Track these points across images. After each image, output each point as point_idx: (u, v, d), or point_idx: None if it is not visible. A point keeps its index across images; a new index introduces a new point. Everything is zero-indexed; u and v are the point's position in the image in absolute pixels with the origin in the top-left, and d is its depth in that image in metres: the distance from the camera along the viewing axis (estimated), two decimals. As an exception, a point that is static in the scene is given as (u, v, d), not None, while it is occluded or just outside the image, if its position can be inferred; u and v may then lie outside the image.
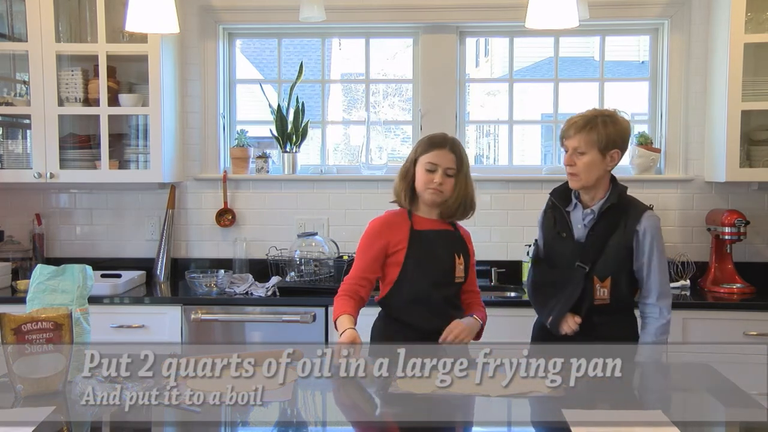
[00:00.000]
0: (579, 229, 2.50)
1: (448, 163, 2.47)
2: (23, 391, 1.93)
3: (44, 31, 3.61)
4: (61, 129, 3.72)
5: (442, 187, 2.46)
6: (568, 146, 2.48)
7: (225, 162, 4.07)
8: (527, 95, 6.02)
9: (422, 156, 2.48)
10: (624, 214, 2.46)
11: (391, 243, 2.48)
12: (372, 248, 2.49)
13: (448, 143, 2.49)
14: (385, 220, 2.55)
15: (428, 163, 2.46)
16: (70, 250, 4.04)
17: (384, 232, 2.50)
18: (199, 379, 2.07)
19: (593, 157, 2.44)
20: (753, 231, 3.77)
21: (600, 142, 2.43)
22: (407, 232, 2.48)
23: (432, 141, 2.51)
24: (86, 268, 2.21)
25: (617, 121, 2.47)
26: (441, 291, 2.49)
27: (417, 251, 2.47)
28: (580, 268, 2.44)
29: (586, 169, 2.45)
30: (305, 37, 4.30)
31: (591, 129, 2.43)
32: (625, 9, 3.85)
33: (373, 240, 2.51)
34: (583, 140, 2.43)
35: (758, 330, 3.29)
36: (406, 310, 2.48)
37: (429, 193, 2.47)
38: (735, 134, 3.52)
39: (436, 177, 2.45)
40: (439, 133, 2.57)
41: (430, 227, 2.52)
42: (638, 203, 2.54)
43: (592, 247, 2.45)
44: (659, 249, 2.46)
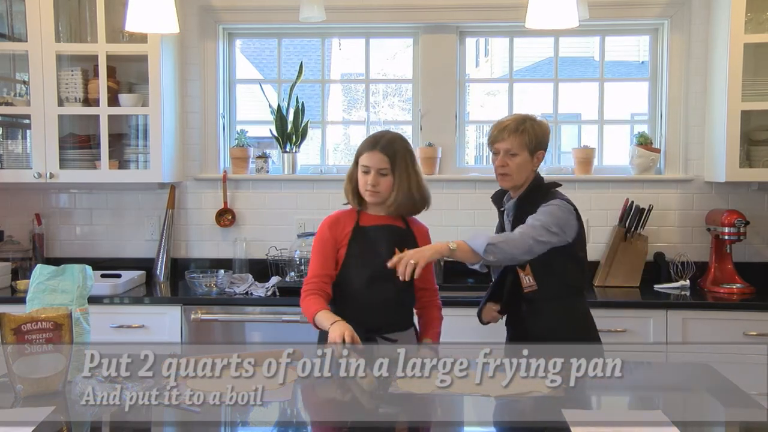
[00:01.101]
0: (508, 226, 2.62)
1: (379, 164, 2.45)
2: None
3: (44, 31, 3.61)
4: (61, 129, 3.72)
5: (376, 188, 2.46)
6: (499, 149, 2.58)
7: (225, 162, 4.07)
8: (527, 95, 6.01)
9: (359, 158, 2.50)
10: (538, 204, 2.53)
11: (337, 239, 2.49)
12: (324, 247, 2.50)
13: (379, 144, 2.46)
14: (333, 218, 2.55)
15: (362, 166, 2.48)
16: (70, 250, 4.04)
17: (332, 228, 2.50)
18: (199, 379, 2.07)
19: (524, 158, 2.56)
20: (753, 231, 3.77)
21: (530, 143, 2.56)
22: (351, 229, 2.50)
23: (365, 143, 2.51)
24: (86, 268, 2.21)
25: (541, 124, 2.62)
26: (378, 289, 2.44)
27: (357, 248, 2.48)
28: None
29: (518, 169, 2.56)
30: (305, 37, 4.30)
31: (522, 132, 2.55)
32: (625, 9, 3.85)
33: (322, 238, 2.51)
34: (516, 142, 2.54)
35: (758, 330, 3.29)
36: (341, 308, 2.44)
37: (367, 195, 2.48)
38: (735, 134, 3.52)
39: (370, 178, 2.45)
40: (376, 133, 2.56)
41: (374, 223, 2.52)
42: (555, 193, 2.60)
43: None
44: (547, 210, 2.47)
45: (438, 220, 3.94)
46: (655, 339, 3.32)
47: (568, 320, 2.57)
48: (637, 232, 3.75)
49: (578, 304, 2.63)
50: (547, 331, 2.51)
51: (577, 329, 2.58)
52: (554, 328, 2.51)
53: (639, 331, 3.32)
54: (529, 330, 2.56)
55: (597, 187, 3.92)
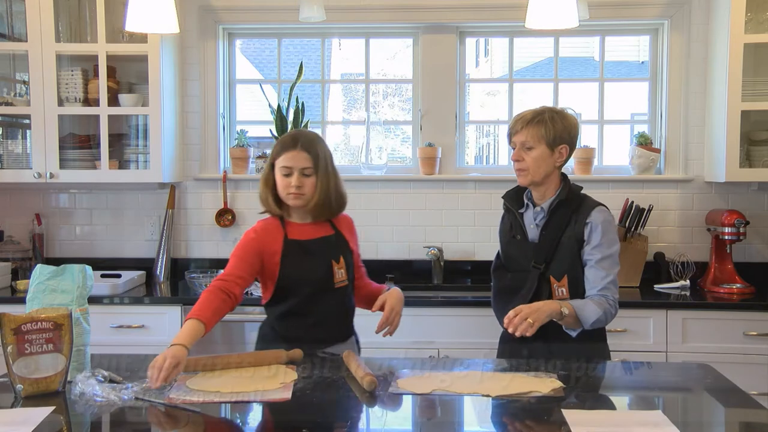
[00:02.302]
0: (532, 229, 2.45)
1: (302, 163, 2.31)
2: (23, 391, 1.92)
3: (44, 31, 3.61)
4: (61, 129, 3.72)
5: (301, 189, 2.32)
6: (516, 142, 2.43)
7: (225, 162, 4.07)
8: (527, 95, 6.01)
9: (276, 160, 2.34)
10: (575, 211, 2.40)
11: (263, 252, 2.35)
12: (245, 252, 2.34)
13: (299, 142, 2.33)
14: (260, 229, 2.39)
15: (283, 168, 2.32)
16: (70, 250, 4.04)
17: (259, 240, 2.35)
18: (199, 379, 2.07)
19: (541, 152, 2.39)
20: (753, 231, 3.77)
21: (548, 136, 2.38)
22: (281, 243, 2.35)
23: (283, 143, 2.35)
24: (86, 268, 2.20)
25: (565, 116, 2.43)
26: (321, 300, 2.38)
27: (291, 264, 2.35)
28: (535, 269, 2.39)
29: (535, 164, 2.39)
30: (305, 37, 4.30)
31: (539, 123, 2.38)
32: (625, 9, 3.85)
33: (246, 245, 2.36)
34: (531, 134, 2.38)
35: (758, 330, 3.29)
36: (284, 325, 2.40)
37: (291, 199, 2.34)
38: (735, 134, 3.52)
39: (293, 180, 2.31)
40: (291, 132, 2.44)
41: (304, 236, 2.38)
42: (590, 200, 2.47)
43: (545, 247, 2.39)
44: (607, 243, 2.36)
45: (438, 221, 3.96)
46: (655, 339, 3.32)
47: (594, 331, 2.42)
48: (637, 232, 3.75)
49: None
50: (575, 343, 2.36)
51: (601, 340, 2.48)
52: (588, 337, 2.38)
53: (639, 331, 3.32)
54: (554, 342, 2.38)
55: (597, 187, 3.92)
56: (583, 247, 2.38)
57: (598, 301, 2.32)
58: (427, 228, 3.95)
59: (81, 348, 2.12)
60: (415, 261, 3.94)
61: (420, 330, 3.36)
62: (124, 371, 2.12)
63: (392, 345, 3.27)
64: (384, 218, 3.98)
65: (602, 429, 1.69)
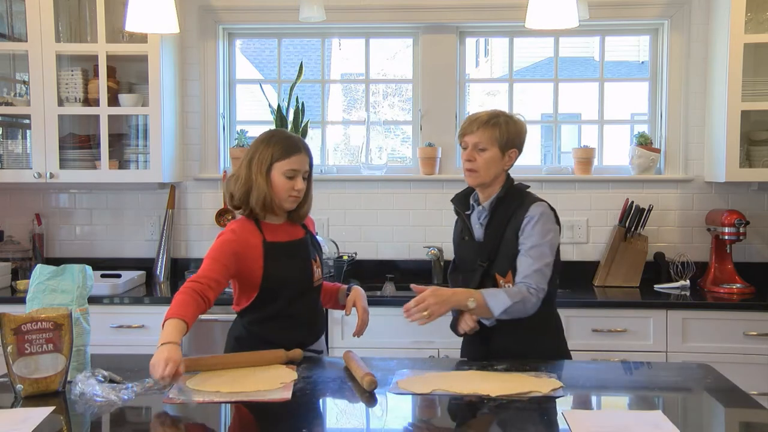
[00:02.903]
0: (477, 229, 2.47)
1: (305, 166, 2.36)
2: (23, 391, 1.92)
3: (44, 31, 3.61)
4: (61, 129, 3.73)
5: (301, 192, 2.35)
6: (468, 142, 2.43)
7: (225, 162, 4.07)
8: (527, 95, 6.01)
9: (278, 162, 2.31)
10: (517, 207, 2.40)
11: (240, 255, 2.30)
12: (222, 254, 2.29)
13: (303, 146, 2.37)
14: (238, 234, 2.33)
15: (289, 170, 2.31)
16: (70, 250, 4.04)
17: (238, 243, 2.31)
18: (200, 379, 2.07)
19: (493, 154, 2.40)
20: (753, 231, 3.77)
21: (501, 139, 2.40)
22: (260, 247, 2.33)
23: (287, 146, 2.33)
24: (86, 268, 2.21)
25: (516, 122, 2.47)
26: (303, 300, 2.39)
27: (274, 268, 2.32)
28: (480, 267, 2.42)
29: (486, 165, 2.41)
30: (305, 37, 4.30)
31: (494, 126, 2.40)
32: (625, 9, 3.85)
33: (222, 248, 2.30)
34: (486, 136, 2.40)
35: (758, 330, 3.29)
36: (265, 328, 2.37)
37: (290, 201, 2.34)
38: (735, 134, 3.52)
39: (297, 184, 2.32)
40: (290, 136, 2.42)
41: (283, 238, 2.38)
42: (531, 196, 2.46)
43: (489, 245, 2.42)
44: (539, 233, 2.35)
45: (438, 220, 3.96)
46: (655, 339, 3.32)
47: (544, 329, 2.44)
48: (637, 232, 3.75)
49: (552, 311, 2.50)
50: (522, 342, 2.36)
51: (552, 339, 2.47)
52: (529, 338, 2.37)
53: (639, 331, 3.32)
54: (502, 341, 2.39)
55: (597, 187, 3.92)
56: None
57: (516, 291, 2.31)
58: (427, 228, 3.94)
59: (81, 348, 2.12)
60: (415, 261, 3.94)
61: (420, 330, 3.35)
62: (124, 371, 2.12)
63: (392, 345, 3.29)
64: (384, 218, 3.98)
65: (602, 429, 1.69)
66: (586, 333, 3.34)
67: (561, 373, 2.15)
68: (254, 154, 2.34)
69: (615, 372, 2.34)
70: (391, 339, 3.32)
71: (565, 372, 2.18)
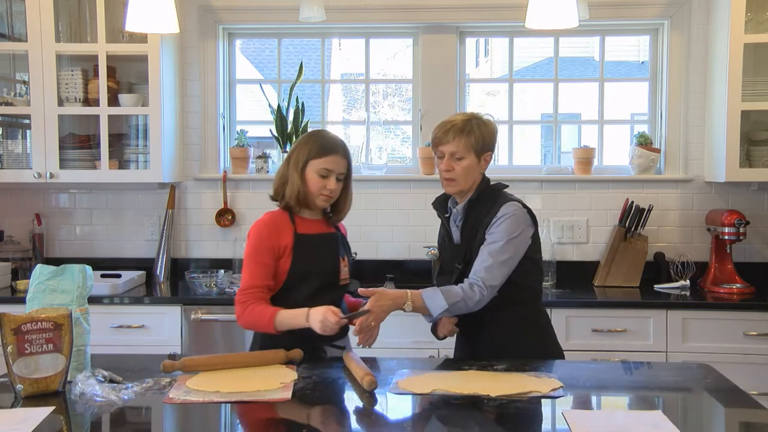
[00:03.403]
0: (455, 231, 2.47)
1: (341, 168, 2.39)
2: (23, 391, 1.92)
3: (44, 31, 3.61)
4: (61, 129, 3.72)
5: (333, 192, 2.39)
6: (444, 151, 2.40)
7: (225, 162, 4.07)
8: (527, 95, 6.01)
9: (314, 160, 2.36)
10: (489, 208, 2.39)
11: (276, 248, 2.36)
12: (261, 256, 2.35)
13: (341, 148, 2.40)
14: (270, 225, 2.39)
15: (323, 169, 2.36)
16: (70, 250, 4.04)
17: (271, 237, 2.36)
18: (200, 379, 2.07)
19: (471, 162, 2.39)
20: (753, 231, 3.77)
21: (476, 145, 2.39)
22: (291, 237, 2.37)
23: (324, 145, 2.39)
24: (86, 268, 2.20)
25: (488, 123, 2.45)
26: (327, 295, 2.40)
27: (302, 257, 2.37)
28: (457, 269, 2.42)
29: (464, 173, 2.39)
30: (305, 37, 4.30)
31: (469, 133, 2.38)
32: (624, 9, 3.85)
33: (259, 247, 2.35)
34: (462, 145, 2.37)
35: (758, 330, 3.29)
36: None
37: (322, 200, 2.39)
38: (735, 134, 3.52)
39: (330, 183, 2.37)
40: (330, 136, 2.46)
41: (313, 230, 2.42)
42: (505, 196, 2.44)
43: (464, 246, 2.42)
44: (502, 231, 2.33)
45: (437, 220, 3.94)
46: (655, 339, 3.32)
47: (530, 327, 2.44)
48: (637, 232, 3.75)
49: (538, 309, 2.50)
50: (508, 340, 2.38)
51: (538, 337, 2.46)
52: (515, 337, 2.38)
53: (639, 331, 3.33)
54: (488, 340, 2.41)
55: (597, 187, 3.92)
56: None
57: (456, 291, 2.32)
58: (427, 228, 3.94)
59: (81, 348, 2.12)
60: (415, 261, 3.94)
61: (420, 330, 3.35)
62: (124, 371, 2.12)
63: (392, 345, 3.29)
64: (384, 218, 3.98)
65: (602, 429, 1.69)
66: (586, 333, 3.34)
67: (561, 374, 2.15)
68: (294, 151, 2.42)
69: (615, 372, 2.34)
70: (391, 339, 3.30)
71: (565, 372, 2.18)
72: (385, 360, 2.35)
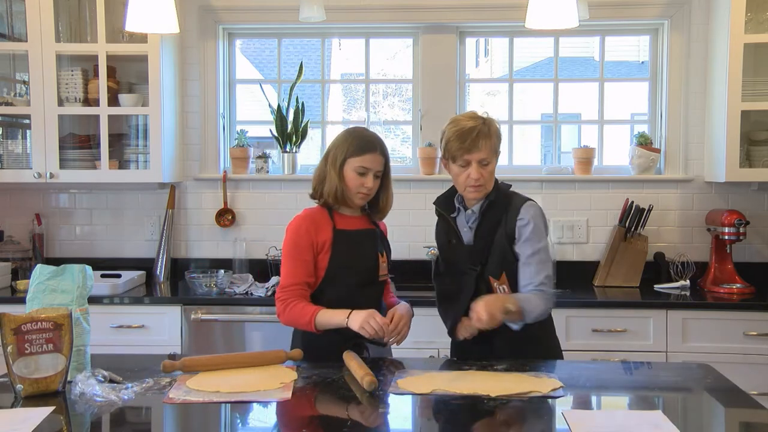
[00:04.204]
0: (466, 232, 2.42)
1: (378, 166, 2.39)
2: (23, 391, 1.92)
3: (44, 31, 3.61)
4: (61, 129, 3.73)
5: (371, 190, 2.40)
6: (471, 159, 2.31)
7: (225, 162, 4.07)
8: (527, 95, 6.00)
9: (352, 158, 2.37)
10: (505, 209, 2.37)
11: (316, 244, 2.37)
12: (300, 252, 2.35)
13: (379, 145, 2.41)
14: (309, 220, 2.40)
15: (361, 167, 2.36)
16: (70, 250, 4.04)
17: (309, 232, 2.37)
18: (200, 379, 2.07)
19: (494, 164, 2.37)
20: (753, 231, 3.77)
21: (497, 146, 2.37)
22: (330, 232, 2.38)
23: (361, 143, 2.39)
24: (86, 268, 2.20)
25: (495, 121, 2.41)
26: (366, 292, 2.41)
27: (341, 252, 2.37)
28: (472, 271, 2.37)
29: (490, 177, 2.37)
30: (305, 37, 4.30)
31: (490, 135, 2.33)
32: (624, 9, 3.85)
33: (299, 243, 2.36)
34: (489, 149, 2.33)
35: (758, 330, 3.29)
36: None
37: (359, 198, 2.40)
38: (735, 134, 3.52)
39: (368, 181, 2.37)
40: (367, 134, 2.46)
41: (352, 226, 2.43)
42: (519, 196, 2.42)
43: (480, 248, 2.37)
44: (537, 237, 2.33)
45: (437, 220, 3.94)
46: (655, 339, 3.32)
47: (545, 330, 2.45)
48: (637, 232, 3.75)
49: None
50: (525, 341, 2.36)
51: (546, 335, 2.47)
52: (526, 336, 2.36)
53: (639, 331, 3.33)
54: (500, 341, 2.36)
55: (597, 187, 3.92)
56: (515, 243, 2.36)
57: (540, 296, 2.31)
58: (427, 228, 3.94)
59: (81, 348, 2.12)
60: (415, 261, 3.94)
61: (420, 330, 3.35)
62: (124, 371, 2.12)
63: (392, 345, 3.28)
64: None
65: (602, 429, 1.69)
66: (586, 333, 3.34)
67: (561, 374, 2.15)
68: (332, 149, 2.43)
69: (615, 372, 2.34)
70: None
71: (565, 372, 2.18)
72: (386, 360, 2.34)
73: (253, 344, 3.41)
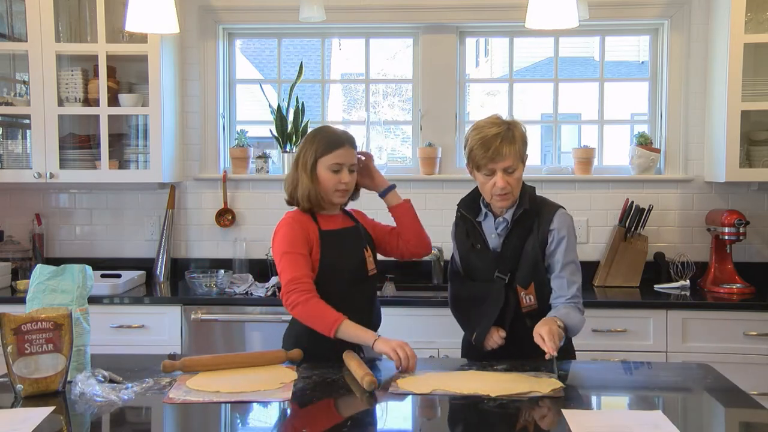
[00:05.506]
0: (493, 239, 2.35)
1: (351, 159, 2.39)
2: (23, 391, 1.93)
3: (44, 31, 3.61)
4: (61, 129, 3.72)
5: (349, 185, 2.40)
6: (496, 168, 2.24)
7: (225, 162, 4.07)
8: (527, 95, 6.01)
9: (323, 158, 2.36)
10: (536, 217, 2.32)
11: (308, 240, 2.36)
12: (297, 246, 2.33)
13: (346, 140, 2.39)
14: (297, 220, 2.39)
15: (333, 164, 2.35)
16: (70, 250, 4.04)
17: (302, 228, 2.36)
18: (200, 379, 2.07)
19: (521, 171, 2.29)
20: (753, 231, 3.77)
21: (523, 152, 2.30)
22: (317, 233, 2.37)
23: (329, 141, 2.37)
24: (86, 268, 2.20)
25: (520, 124, 2.33)
26: (357, 291, 2.41)
27: (330, 253, 2.37)
28: (500, 279, 2.31)
29: (517, 185, 2.30)
30: (305, 37, 4.30)
31: (514, 140, 2.26)
32: (624, 9, 3.85)
33: (294, 237, 2.34)
34: (515, 156, 2.25)
35: (758, 330, 3.29)
36: None
37: (338, 196, 2.39)
38: (735, 134, 3.52)
39: (344, 177, 2.37)
40: (333, 130, 2.44)
41: (336, 226, 2.43)
42: (549, 203, 2.39)
43: (509, 256, 2.32)
44: (570, 248, 2.31)
45: (438, 221, 3.94)
46: (655, 339, 3.32)
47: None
48: (637, 232, 3.75)
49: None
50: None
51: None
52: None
53: (639, 331, 3.32)
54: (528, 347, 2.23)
55: (597, 187, 3.92)
56: (546, 252, 2.33)
57: (575, 309, 2.29)
58: (427, 228, 3.91)
59: (81, 348, 2.12)
60: (415, 261, 3.93)
61: (420, 330, 3.36)
62: (124, 371, 2.12)
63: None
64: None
65: (602, 429, 1.69)
66: (586, 333, 3.31)
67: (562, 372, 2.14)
68: (300, 153, 2.42)
69: (615, 372, 2.34)
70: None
71: (565, 372, 2.18)
72: (385, 360, 2.35)
73: (253, 344, 3.41)
